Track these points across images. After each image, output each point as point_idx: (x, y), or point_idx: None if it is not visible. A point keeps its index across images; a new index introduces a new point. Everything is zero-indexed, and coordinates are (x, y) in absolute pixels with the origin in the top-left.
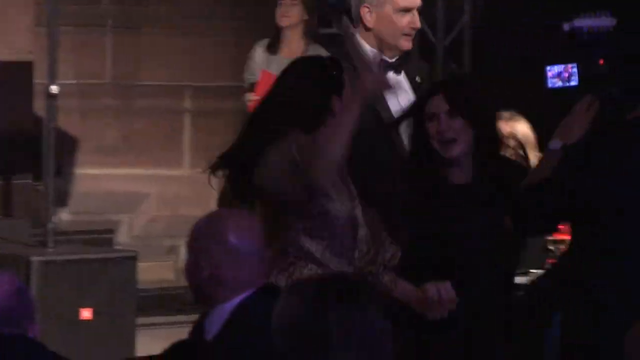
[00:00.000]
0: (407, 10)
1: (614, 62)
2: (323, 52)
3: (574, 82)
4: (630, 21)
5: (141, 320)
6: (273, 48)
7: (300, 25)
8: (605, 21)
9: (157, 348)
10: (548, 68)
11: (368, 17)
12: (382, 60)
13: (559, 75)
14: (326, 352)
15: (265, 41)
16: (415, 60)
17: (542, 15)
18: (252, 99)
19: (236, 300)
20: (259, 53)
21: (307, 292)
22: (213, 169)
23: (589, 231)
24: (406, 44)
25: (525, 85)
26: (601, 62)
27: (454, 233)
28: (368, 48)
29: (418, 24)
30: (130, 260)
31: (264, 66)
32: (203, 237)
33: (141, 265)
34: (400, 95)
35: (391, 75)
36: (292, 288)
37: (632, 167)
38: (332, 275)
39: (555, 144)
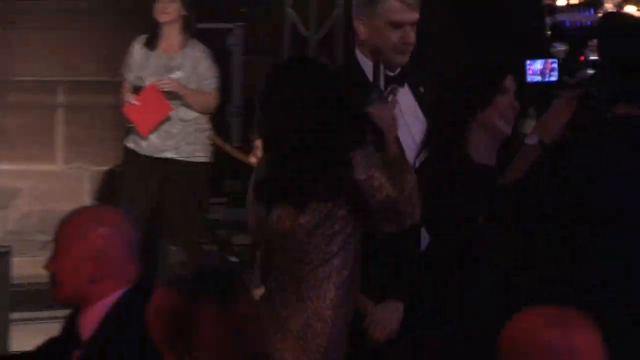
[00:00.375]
0: (398, 25)
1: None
2: (201, 48)
3: (553, 78)
4: (613, 22)
5: (15, 315)
6: (151, 44)
7: (179, 21)
8: (588, 17)
9: (30, 344)
10: (528, 62)
11: (362, 29)
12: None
13: (540, 70)
14: (201, 347)
15: (144, 37)
16: (417, 70)
17: None
18: (133, 102)
19: (112, 297)
20: (137, 49)
21: (182, 287)
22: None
23: (589, 231)
24: (399, 59)
25: None
26: (582, 58)
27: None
28: (369, 62)
29: (410, 40)
30: (3, 256)
31: (142, 62)
32: (74, 234)
33: (15, 261)
34: (404, 109)
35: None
36: (167, 283)
37: (630, 168)
38: (207, 271)
39: (533, 139)
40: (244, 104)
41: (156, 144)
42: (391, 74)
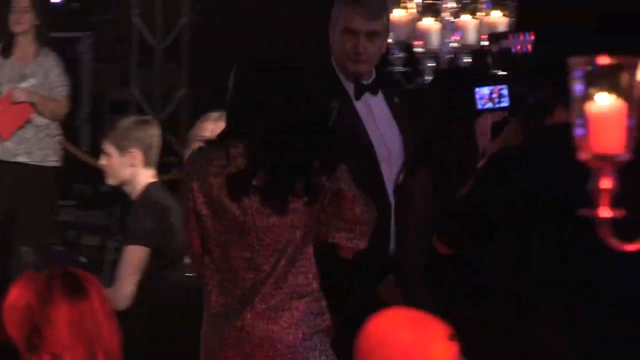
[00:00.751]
0: (351, 32)
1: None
2: (53, 56)
3: (504, 104)
4: (543, 31)
5: None
6: (6, 52)
7: (32, 31)
8: (528, 42)
9: None
10: (476, 90)
11: (330, 35)
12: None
13: (488, 96)
14: (55, 344)
15: None
16: (393, 80)
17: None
18: None
19: None
20: None
21: (36, 286)
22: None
23: (572, 232)
24: (352, 67)
25: None
26: None
27: None
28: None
29: (360, 50)
30: None
31: None
32: None
33: None
34: (378, 117)
35: (367, 96)
36: (21, 282)
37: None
38: (59, 270)
39: None
40: (92, 110)
41: (9, 149)
42: (365, 82)
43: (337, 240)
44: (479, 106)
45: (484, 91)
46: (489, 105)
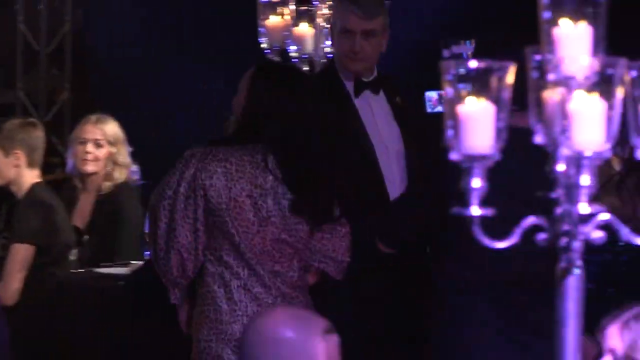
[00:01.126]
0: (348, 31)
1: None
2: None
3: None
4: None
5: None
6: None
7: None
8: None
9: None
10: (426, 94)
11: (331, 36)
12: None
13: (437, 99)
14: None
15: None
16: (393, 80)
17: None
18: None
19: None
20: None
21: None
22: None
23: None
24: (351, 66)
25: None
26: None
27: None
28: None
29: (357, 49)
30: None
31: None
32: None
33: None
34: (378, 116)
35: (368, 95)
36: None
37: None
38: None
39: None
40: None
41: None
42: (366, 80)
43: (322, 267)
44: (429, 109)
45: (431, 94)
46: (439, 108)
